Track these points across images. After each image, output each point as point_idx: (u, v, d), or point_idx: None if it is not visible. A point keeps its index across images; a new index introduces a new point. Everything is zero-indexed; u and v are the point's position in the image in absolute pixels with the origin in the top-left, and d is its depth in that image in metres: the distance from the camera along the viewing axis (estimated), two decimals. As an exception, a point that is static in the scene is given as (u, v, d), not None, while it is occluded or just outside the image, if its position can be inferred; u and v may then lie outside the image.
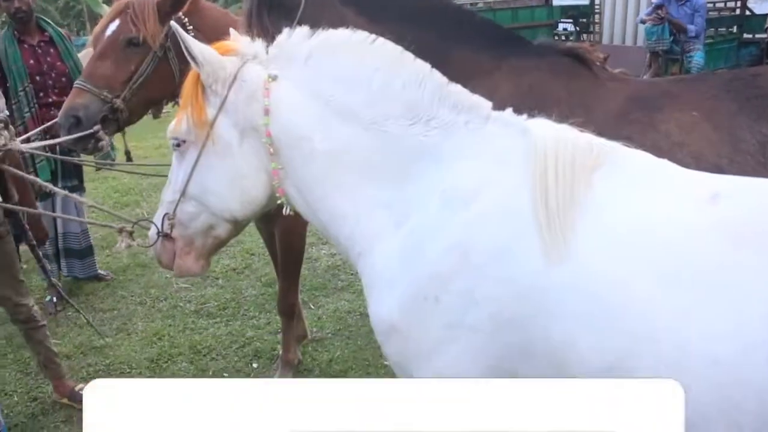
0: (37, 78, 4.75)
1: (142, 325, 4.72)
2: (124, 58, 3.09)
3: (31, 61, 4.73)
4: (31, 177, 2.59)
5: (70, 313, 4.89)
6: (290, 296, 3.75)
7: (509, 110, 1.78)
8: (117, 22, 3.13)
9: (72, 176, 4.91)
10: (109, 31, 3.14)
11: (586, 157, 1.63)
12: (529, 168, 1.63)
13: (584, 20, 15.61)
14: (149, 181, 7.87)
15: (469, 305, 1.61)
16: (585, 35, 15.36)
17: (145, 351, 4.34)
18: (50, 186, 2.48)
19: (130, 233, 2.23)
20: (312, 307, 4.82)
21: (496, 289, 1.58)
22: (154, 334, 4.55)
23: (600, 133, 1.74)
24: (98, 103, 3.03)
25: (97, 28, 3.25)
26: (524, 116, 1.76)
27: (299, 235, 3.60)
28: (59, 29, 5.04)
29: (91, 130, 2.98)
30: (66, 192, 2.82)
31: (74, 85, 3.07)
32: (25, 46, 4.75)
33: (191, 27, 3.08)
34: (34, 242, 3.15)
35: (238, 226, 2.04)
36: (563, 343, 1.51)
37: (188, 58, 1.85)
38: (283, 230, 3.48)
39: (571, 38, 15.04)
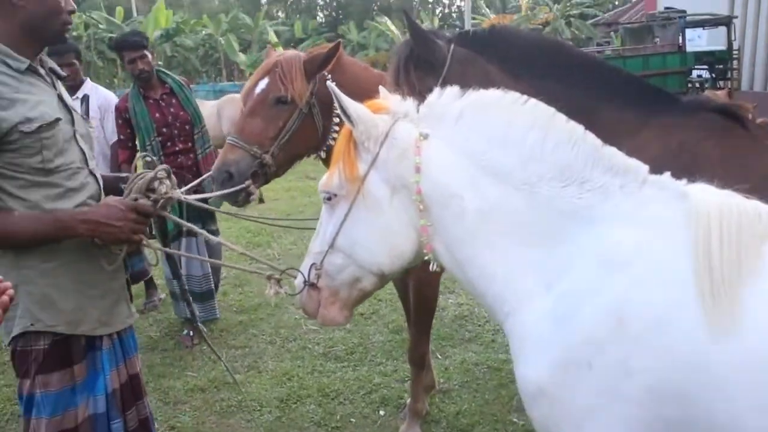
0: (164, 130, 5.13)
1: (272, 365, 4.86)
2: (272, 115, 3.21)
3: (157, 115, 5.11)
4: (188, 224, 2.75)
5: (205, 348, 5.11)
6: (421, 346, 3.75)
7: (667, 174, 1.73)
8: (266, 80, 3.27)
9: (197, 219, 5.07)
10: (258, 89, 3.28)
11: (754, 224, 1.56)
12: (689, 234, 1.58)
13: (721, 66, 15.02)
14: (280, 223, 8.16)
15: (623, 374, 1.56)
16: (722, 82, 14.77)
17: (275, 390, 4.46)
18: (205, 233, 2.62)
19: (278, 281, 2.31)
20: (439, 357, 4.80)
21: (653, 360, 1.53)
22: (283, 374, 4.67)
23: (759, 196, 1.66)
24: (249, 159, 3.16)
25: (247, 85, 3.39)
26: (683, 181, 1.71)
27: (433, 287, 3.60)
28: (177, 79, 5.41)
29: (243, 186, 3.11)
30: (219, 239, 2.98)
31: (227, 141, 3.23)
32: (150, 101, 5.14)
33: (334, 83, 3.19)
34: (186, 286, 3.31)
35: (383, 279, 2.06)
36: (730, 423, 1.43)
37: (343, 116, 1.93)
38: (417, 281, 3.49)
39: (706, 85, 14.49)
